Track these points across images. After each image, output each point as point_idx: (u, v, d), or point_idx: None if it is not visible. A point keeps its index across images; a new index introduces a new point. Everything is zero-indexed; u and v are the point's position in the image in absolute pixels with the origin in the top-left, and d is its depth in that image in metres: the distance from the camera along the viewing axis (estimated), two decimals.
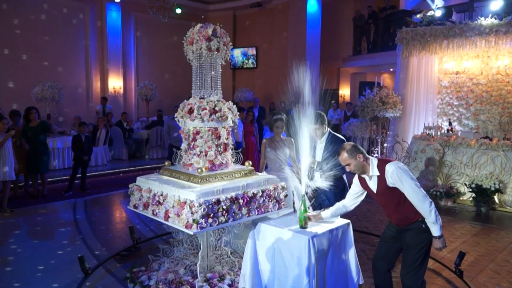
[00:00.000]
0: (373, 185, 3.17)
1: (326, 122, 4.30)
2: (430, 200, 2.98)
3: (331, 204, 4.20)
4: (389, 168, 3.01)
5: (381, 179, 3.07)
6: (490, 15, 8.00)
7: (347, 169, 3.25)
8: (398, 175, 2.97)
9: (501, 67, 8.65)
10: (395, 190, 3.04)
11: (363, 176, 3.23)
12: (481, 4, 8.78)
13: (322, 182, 4.19)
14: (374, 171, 3.10)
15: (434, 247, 3.06)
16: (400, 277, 3.18)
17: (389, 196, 3.10)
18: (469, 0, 8.83)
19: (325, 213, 3.50)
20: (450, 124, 8.89)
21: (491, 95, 8.81)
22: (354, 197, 3.45)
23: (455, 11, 9.17)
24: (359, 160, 3.11)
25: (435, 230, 2.98)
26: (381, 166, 3.07)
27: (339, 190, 4.30)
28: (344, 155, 3.14)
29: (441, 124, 9.30)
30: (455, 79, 9.28)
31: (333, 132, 4.35)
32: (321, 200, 4.37)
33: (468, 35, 8.14)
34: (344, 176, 4.37)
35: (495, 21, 7.87)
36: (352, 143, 3.24)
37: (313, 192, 4.48)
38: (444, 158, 7.59)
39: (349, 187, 4.35)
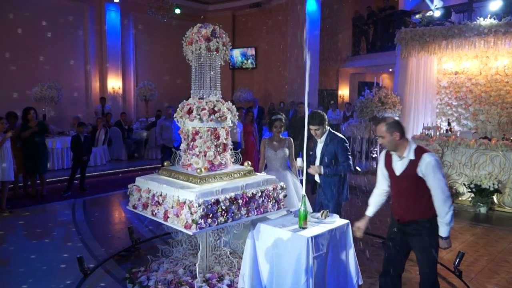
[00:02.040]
0: (399, 166, 3.07)
1: (326, 121, 4.29)
2: (451, 202, 2.96)
3: (330, 202, 4.22)
4: (428, 157, 2.94)
5: (413, 164, 2.98)
6: (489, 15, 8.00)
7: (379, 141, 3.14)
8: (433, 167, 2.91)
9: (500, 68, 8.66)
10: (420, 180, 2.97)
11: (392, 153, 3.13)
12: (480, 5, 8.78)
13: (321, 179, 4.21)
14: (410, 154, 3.01)
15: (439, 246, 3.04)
16: (420, 281, 3.13)
17: (410, 184, 3.02)
18: (468, 1, 8.84)
19: (369, 211, 3.44)
20: (449, 124, 8.90)
21: (490, 95, 8.82)
22: (385, 179, 3.29)
23: (454, 12, 9.17)
24: (394, 138, 3.02)
25: (444, 231, 2.96)
26: (419, 152, 2.99)
27: (338, 187, 4.31)
28: (382, 128, 3.05)
29: (440, 124, 9.31)
30: (454, 80, 9.29)
31: (332, 131, 4.34)
32: (320, 199, 4.37)
33: (467, 35, 8.15)
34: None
35: (494, 22, 7.87)
36: (396, 119, 3.14)
37: (312, 188, 4.50)
38: (443, 158, 7.60)
39: (348, 184, 4.38)
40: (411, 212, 3.05)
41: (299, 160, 4.44)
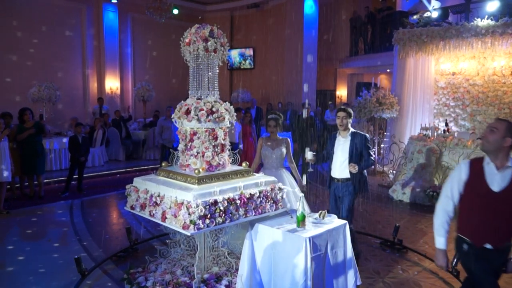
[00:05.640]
0: (501, 180, 2.55)
1: (352, 117, 4.60)
2: None
3: (348, 195, 4.44)
4: None
5: None
6: (486, 16, 8.04)
7: (485, 133, 2.64)
8: None
9: (497, 68, 8.69)
10: None
11: (486, 163, 2.62)
12: (477, 5, 8.83)
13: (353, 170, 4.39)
14: None
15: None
16: None
17: None
18: (466, 1, 8.87)
19: (443, 243, 2.87)
20: (446, 124, 8.92)
21: (487, 96, 8.85)
22: (455, 198, 2.76)
23: (451, 12, 9.21)
24: (504, 141, 2.53)
25: None
26: None
27: (365, 180, 4.60)
28: (503, 125, 2.56)
29: (438, 124, 9.33)
30: (452, 80, 9.32)
31: (354, 130, 4.61)
32: (340, 193, 4.53)
33: (464, 36, 8.18)
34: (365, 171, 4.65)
35: (491, 22, 7.91)
36: None
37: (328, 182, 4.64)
38: (441, 158, 7.61)
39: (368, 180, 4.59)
40: (510, 236, 2.63)
41: (310, 153, 4.54)
